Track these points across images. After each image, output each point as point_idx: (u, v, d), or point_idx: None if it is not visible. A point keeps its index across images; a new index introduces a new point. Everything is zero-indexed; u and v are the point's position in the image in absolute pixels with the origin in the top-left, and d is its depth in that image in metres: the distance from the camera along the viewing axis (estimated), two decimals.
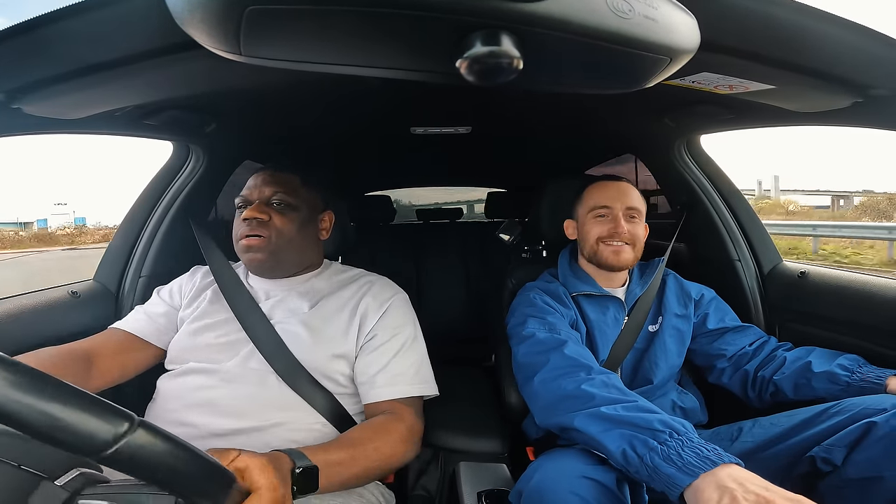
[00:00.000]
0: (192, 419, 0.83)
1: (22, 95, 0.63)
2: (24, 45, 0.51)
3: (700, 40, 0.47)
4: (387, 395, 0.89)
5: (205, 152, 1.28)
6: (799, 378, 0.96)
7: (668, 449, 0.65)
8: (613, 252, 1.07)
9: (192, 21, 0.39)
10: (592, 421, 0.75)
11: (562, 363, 0.89)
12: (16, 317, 0.99)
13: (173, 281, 1.06)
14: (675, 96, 0.93)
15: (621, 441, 0.70)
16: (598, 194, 1.11)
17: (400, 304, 0.99)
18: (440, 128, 1.40)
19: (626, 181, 1.13)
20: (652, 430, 0.68)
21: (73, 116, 0.78)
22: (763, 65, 0.64)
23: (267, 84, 0.85)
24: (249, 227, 0.92)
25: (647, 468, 0.65)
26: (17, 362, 0.35)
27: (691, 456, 0.63)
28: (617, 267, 1.08)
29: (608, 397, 0.78)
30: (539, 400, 0.89)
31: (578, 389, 0.81)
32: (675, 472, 0.62)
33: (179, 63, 0.60)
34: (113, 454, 0.36)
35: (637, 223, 1.09)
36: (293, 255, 0.97)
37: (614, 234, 1.07)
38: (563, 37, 0.40)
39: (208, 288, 1.01)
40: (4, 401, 0.33)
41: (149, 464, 0.38)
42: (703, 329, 1.12)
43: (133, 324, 0.98)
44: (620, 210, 1.08)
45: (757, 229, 1.33)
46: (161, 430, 0.40)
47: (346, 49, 0.45)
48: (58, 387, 0.35)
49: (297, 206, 0.96)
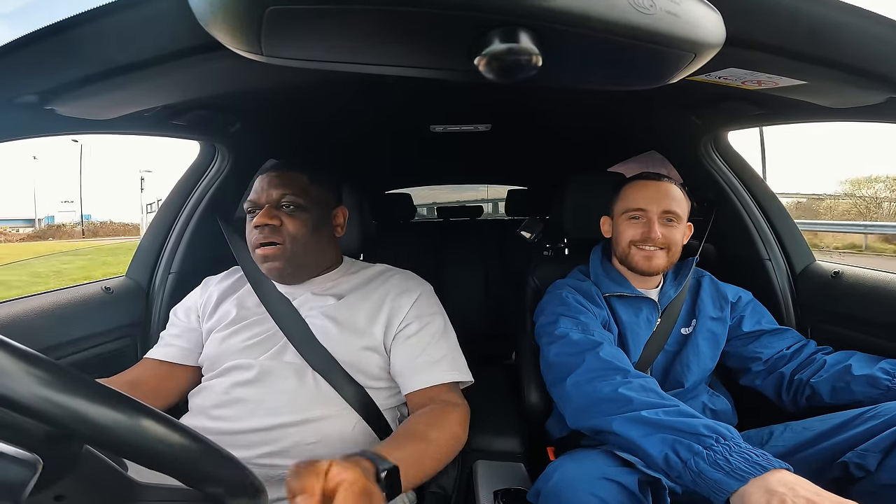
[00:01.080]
0: (230, 415, 0.85)
1: (55, 96, 0.65)
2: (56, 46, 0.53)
3: (726, 35, 0.45)
4: (429, 381, 0.88)
5: (230, 151, 1.31)
6: (837, 381, 0.93)
7: (714, 454, 0.64)
8: (645, 257, 1.03)
9: (214, 22, 0.40)
10: (632, 425, 0.74)
11: (597, 365, 0.87)
12: (51, 312, 1.03)
13: (186, 298, 1.06)
14: (701, 92, 0.91)
15: (663, 445, 0.68)
16: (635, 194, 1.06)
17: (428, 294, 0.99)
18: (460, 126, 1.40)
19: (668, 180, 1.07)
20: (697, 435, 0.67)
21: (105, 117, 0.81)
22: (792, 60, 0.62)
23: (288, 83, 0.86)
24: (262, 234, 0.91)
25: (692, 473, 0.64)
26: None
27: (740, 461, 0.61)
28: (648, 272, 1.05)
29: (648, 401, 0.76)
30: (572, 402, 0.87)
31: (616, 393, 0.79)
32: (723, 478, 0.61)
33: (204, 63, 0.61)
34: None
35: (674, 227, 1.04)
36: (311, 257, 0.96)
37: (647, 238, 1.02)
38: (583, 33, 0.39)
39: (228, 295, 1.01)
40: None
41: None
42: (738, 331, 1.09)
43: (162, 350, 0.98)
44: (656, 213, 1.03)
45: (788, 228, 1.29)
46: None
47: (365, 48, 0.45)
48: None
49: (308, 206, 0.94)
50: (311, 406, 0.85)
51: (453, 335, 0.97)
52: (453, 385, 0.92)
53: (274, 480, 0.79)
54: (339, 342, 0.90)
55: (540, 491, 0.78)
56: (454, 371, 0.92)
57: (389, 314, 0.93)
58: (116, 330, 1.17)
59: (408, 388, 0.90)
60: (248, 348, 0.91)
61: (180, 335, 1.00)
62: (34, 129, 0.76)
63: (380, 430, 0.90)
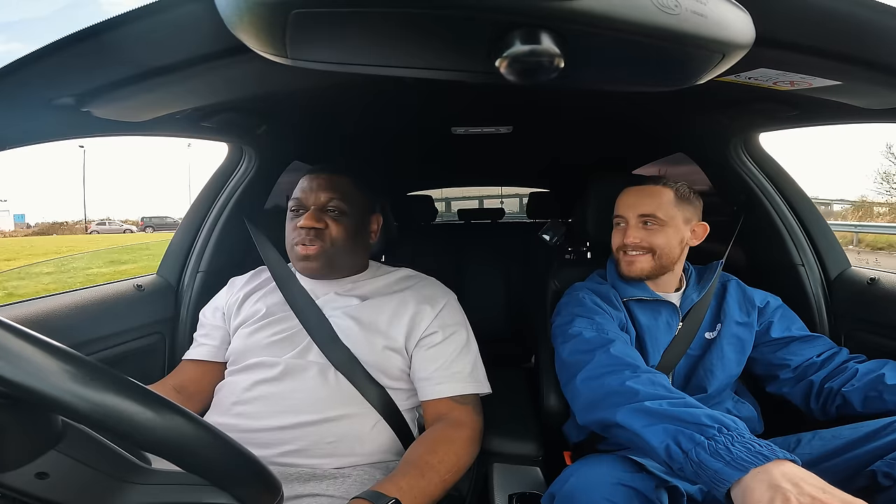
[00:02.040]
0: (251, 412, 0.86)
1: (91, 99, 0.67)
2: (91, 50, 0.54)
3: (755, 35, 0.44)
4: (446, 392, 0.90)
5: (256, 153, 1.34)
6: (870, 390, 0.89)
7: (715, 444, 0.61)
8: (627, 262, 1.06)
9: (241, 25, 0.41)
10: (635, 415, 0.73)
11: (607, 361, 0.86)
12: (84, 308, 1.06)
13: (213, 298, 1.10)
14: (730, 93, 0.89)
15: (665, 436, 0.67)
16: (618, 202, 1.10)
17: (454, 304, 1.01)
18: (481, 128, 1.40)
19: (654, 183, 1.07)
20: (699, 425, 0.65)
21: (138, 119, 0.83)
22: (826, 60, 0.59)
23: (312, 86, 0.87)
24: (306, 234, 0.93)
25: (692, 464, 0.62)
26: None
27: (741, 451, 0.59)
28: (631, 277, 1.06)
29: (653, 393, 0.75)
30: (581, 397, 0.87)
31: (623, 386, 0.79)
32: (723, 467, 0.59)
33: (232, 67, 0.62)
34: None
35: (654, 230, 1.04)
36: (346, 260, 0.99)
37: (625, 244, 1.05)
38: (606, 34, 0.39)
39: (255, 293, 1.04)
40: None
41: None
42: (766, 338, 1.06)
43: (195, 350, 1.03)
44: (633, 218, 1.05)
45: (823, 232, 1.24)
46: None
47: (388, 51, 0.46)
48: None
49: (351, 212, 0.96)
50: (333, 405, 0.86)
51: (475, 346, 0.99)
52: (469, 397, 0.93)
53: (291, 479, 0.81)
54: (361, 342, 0.91)
55: (554, 495, 0.77)
56: (472, 383, 0.93)
57: (413, 319, 0.94)
58: (147, 326, 1.21)
59: (425, 396, 0.92)
60: (273, 344, 0.93)
61: (209, 334, 1.04)
62: (71, 130, 0.80)
63: (398, 430, 0.91)
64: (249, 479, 0.44)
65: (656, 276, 1.07)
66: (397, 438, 0.90)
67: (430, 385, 0.91)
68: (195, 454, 0.39)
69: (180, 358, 1.05)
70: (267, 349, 0.93)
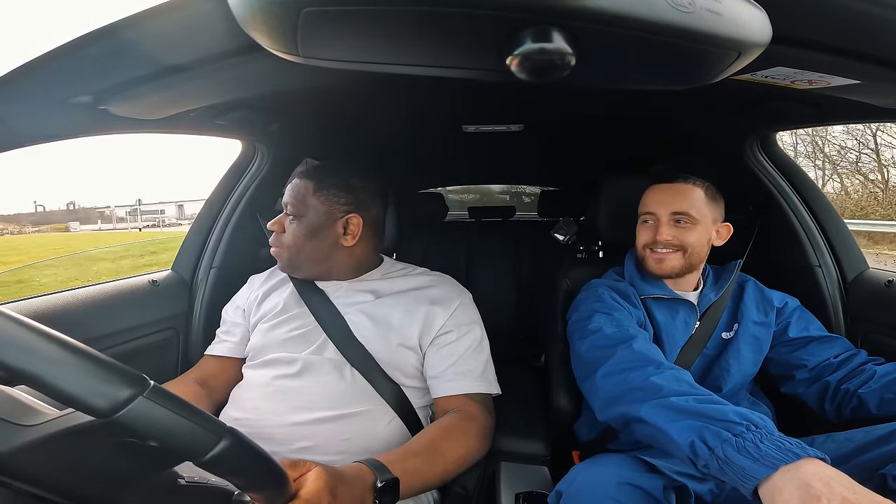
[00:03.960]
0: (268, 409, 0.87)
1: (108, 96, 0.68)
2: (109, 48, 0.55)
3: (771, 33, 0.43)
4: (458, 390, 0.91)
5: (269, 150, 1.35)
6: (886, 392, 0.88)
7: (744, 441, 0.60)
8: (657, 260, 1.04)
9: (253, 24, 0.41)
10: (660, 411, 0.71)
11: (629, 357, 0.85)
12: (99, 303, 1.08)
13: (235, 296, 1.12)
14: (745, 91, 0.87)
15: (690, 432, 0.66)
16: (647, 198, 1.08)
17: (469, 302, 1.01)
18: (492, 126, 1.39)
19: (685, 181, 1.06)
20: (726, 422, 0.64)
21: (154, 117, 0.85)
22: (845, 58, 0.58)
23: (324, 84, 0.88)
24: (271, 237, 1.00)
25: (719, 460, 0.61)
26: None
27: (770, 448, 0.58)
28: (661, 275, 1.05)
29: (678, 389, 0.74)
30: (601, 393, 0.86)
31: (647, 381, 0.78)
32: (751, 465, 0.57)
33: (245, 65, 0.63)
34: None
35: (686, 228, 1.03)
36: (309, 263, 0.98)
37: (656, 241, 1.03)
38: (619, 32, 0.38)
39: (273, 290, 1.05)
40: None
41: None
42: (783, 338, 1.05)
43: (216, 346, 1.06)
44: (665, 216, 1.03)
45: (840, 233, 1.22)
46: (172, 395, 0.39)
47: (399, 49, 0.46)
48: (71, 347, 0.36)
49: (308, 215, 0.95)
50: (348, 402, 0.87)
51: (487, 346, 0.99)
52: (480, 396, 0.93)
53: None
54: (375, 339, 0.91)
55: (561, 494, 0.77)
56: (483, 382, 0.93)
57: (427, 317, 0.94)
58: (161, 322, 1.23)
59: (436, 393, 0.92)
60: (290, 340, 0.94)
61: (230, 331, 1.06)
62: (89, 128, 0.81)
63: (413, 428, 0.91)
64: (255, 470, 0.43)
65: (683, 275, 1.06)
66: (411, 436, 0.90)
67: (441, 382, 0.92)
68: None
69: (193, 353, 1.06)
70: (284, 345, 0.94)
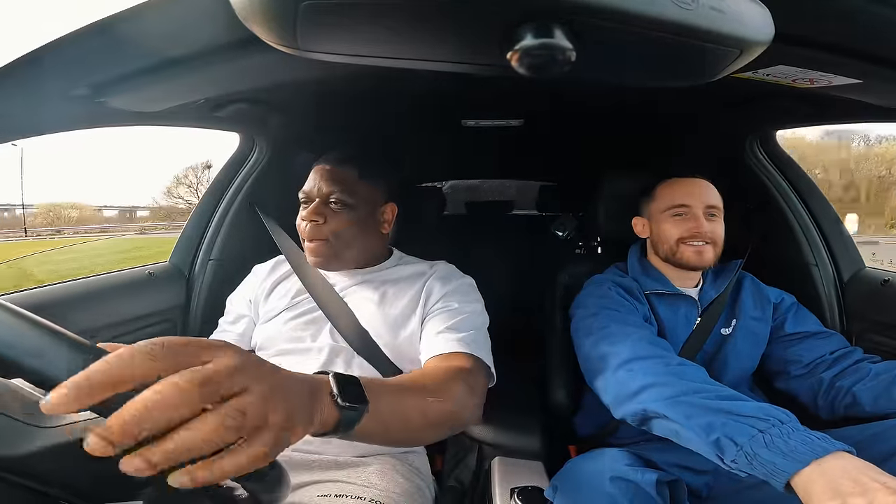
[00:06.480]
0: None
1: (106, 89, 0.68)
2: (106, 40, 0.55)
3: (774, 32, 0.43)
4: (445, 349, 0.82)
5: (268, 143, 1.35)
6: (881, 391, 0.88)
7: (771, 437, 0.61)
8: (696, 252, 1.01)
9: (252, 17, 0.41)
10: (681, 407, 0.71)
11: (642, 353, 0.85)
12: (96, 295, 1.08)
13: (239, 287, 1.09)
14: (747, 89, 0.87)
15: (715, 428, 0.66)
16: (676, 192, 1.05)
17: (468, 283, 1.00)
18: (492, 120, 1.39)
19: (701, 177, 1.06)
20: (752, 417, 0.64)
21: (152, 109, 0.84)
22: (847, 58, 0.58)
23: (323, 77, 0.87)
24: (309, 227, 0.94)
25: (748, 456, 0.61)
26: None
27: (799, 443, 0.59)
28: (699, 267, 1.03)
29: (698, 386, 0.74)
30: (615, 388, 0.84)
31: (664, 377, 0.77)
32: (781, 460, 0.58)
33: (243, 58, 0.63)
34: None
35: (717, 222, 1.03)
36: (353, 252, 0.97)
37: (696, 234, 1.01)
38: (619, 28, 0.38)
39: (280, 281, 1.05)
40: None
41: None
42: (779, 333, 1.06)
43: (222, 335, 1.03)
44: (700, 208, 1.02)
45: (838, 232, 1.23)
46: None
47: (398, 42, 0.46)
48: None
49: (355, 204, 0.94)
50: None
51: (485, 322, 0.93)
52: (471, 359, 0.82)
53: (313, 466, 0.83)
54: (382, 328, 0.91)
55: (556, 488, 0.78)
56: (472, 346, 0.83)
57: (426, 292, 0.93)
58: (158, 313, 1.23)
59: (426, 356, 0.84)
60: (299, 330, 0.94)
61: (234, 322, 1.05)
62: (87, 120, 0.81)
63: None
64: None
65: (710, 267, 1.06)
66: None
67: (429, 345, 0.84)
68: None
69: None
70: (293, 335, 0.94)
